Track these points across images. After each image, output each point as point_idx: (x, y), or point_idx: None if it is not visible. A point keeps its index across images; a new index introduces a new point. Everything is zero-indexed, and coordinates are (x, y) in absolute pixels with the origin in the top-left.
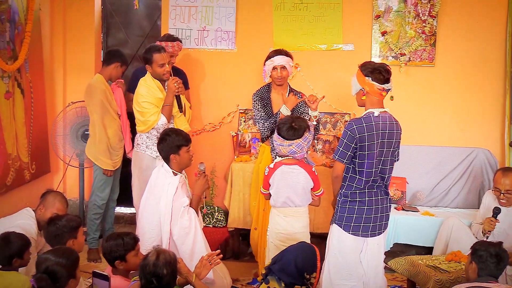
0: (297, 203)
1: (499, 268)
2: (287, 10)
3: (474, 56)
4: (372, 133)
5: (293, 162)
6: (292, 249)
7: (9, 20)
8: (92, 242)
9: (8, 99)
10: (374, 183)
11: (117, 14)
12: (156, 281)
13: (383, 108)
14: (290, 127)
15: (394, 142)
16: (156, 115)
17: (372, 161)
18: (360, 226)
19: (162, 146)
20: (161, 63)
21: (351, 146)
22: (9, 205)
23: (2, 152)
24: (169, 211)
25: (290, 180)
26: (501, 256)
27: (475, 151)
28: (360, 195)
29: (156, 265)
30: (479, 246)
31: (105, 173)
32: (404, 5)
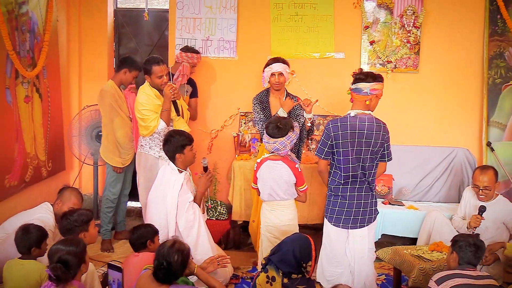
0: (281, 196)
1: (477, 256)
2: (283, 21)
3: (455, 64)
4: (346, 132)
5: (277, 158)
6: (289, 240)
7: (29, 30)
8: (105, 234)
9: (28, 103)
10: (355, 179)
11: (128, 25)
12: (166, 264)
13: (363, 111)
14: (275, 126)
15: (374, 142)
16: (156, 120)
17: (347, 157)
18: (341, 218)
19: (167, 146)
20: (159, 75)
21: (327, 143)
22: (28, 200)
23: (22, 151)
24: (175, 205)
25: (274, 173)
26: (479, 245)
27: (455, 150)
28: (341, 190)
29: (170, 250)
30: (459, 237)
31: (114, 170)
32: (390, 17)
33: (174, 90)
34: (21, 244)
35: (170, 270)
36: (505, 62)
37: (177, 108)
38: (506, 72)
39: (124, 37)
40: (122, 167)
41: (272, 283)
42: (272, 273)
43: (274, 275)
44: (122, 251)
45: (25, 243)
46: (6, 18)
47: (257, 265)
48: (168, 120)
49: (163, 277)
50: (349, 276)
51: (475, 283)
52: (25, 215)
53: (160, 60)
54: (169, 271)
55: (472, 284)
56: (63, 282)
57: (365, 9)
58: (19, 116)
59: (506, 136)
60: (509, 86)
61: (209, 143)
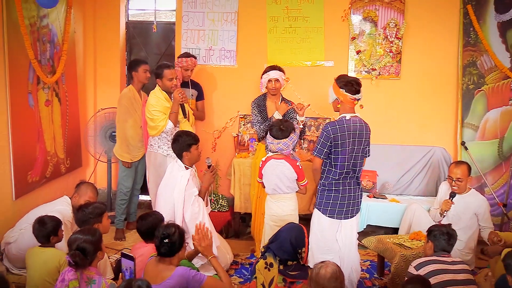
0: (284, 190)
1: (450, 243)
2: (279, 33)
3: (432, 71)
4: (344, 133)
5: (280, 157)
6: (285, 230)
7: (49, 41)
8: (119, 223)
9: (48, 106)
10: (347, 175)
11: (138, 36)
12: (166, 236)
13: (354, 113)
14: (279, 129)
15: (363, 141)
16: (164, 121)
17: (344, 156)
18: (335, 210)
19: (175, 145)
20: (170, 78)
21: (327, 144)
22: (48, 194)
23: (43, 150)
24: (182, 199)
25: (278, 171)
26: (451, 233)
27: (433, 149)
28: (335, 185)
29: (166, 227)
30: (434, 228)
31: (124, 165)
32: (375, 29)
33: (183, 94)
34: (40, 234)
35: (171, 242)
36: (477, 70)
37: (184, 111)
38: (478, 79)
39: (135, 47)
40: (130, 162)
41: (270, 269)
42: (270, 259)
43: (272, 262)
44: (133, 239)
45: (43, 232)
46: (29, 30)
47: (255, 252)
48: (175, 121)
49: (166, 251)
50: (338, 261)
51: (450, 268)
52: (46, 207)
53: (171, 65)
54: (170, 244)
55: (447, 269)
56: (81, 268)
57: (352, 22)
58: (40, 118)
59: (479, 136)
60: (481, 91)
61: (213, 142)
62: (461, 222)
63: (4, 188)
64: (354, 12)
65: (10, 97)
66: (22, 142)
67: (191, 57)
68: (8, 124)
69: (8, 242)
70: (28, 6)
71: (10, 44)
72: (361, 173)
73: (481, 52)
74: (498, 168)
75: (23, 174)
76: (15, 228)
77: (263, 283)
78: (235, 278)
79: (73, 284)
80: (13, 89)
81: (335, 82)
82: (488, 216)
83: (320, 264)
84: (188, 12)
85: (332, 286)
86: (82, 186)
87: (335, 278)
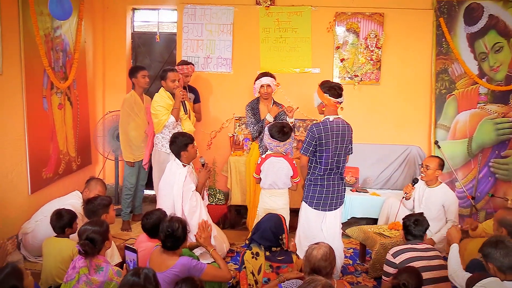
0: (280, 186)
1: (419, 230)
2: (270, 42)
3: (409, 77)
4: (328, 133)
5: (279, 155)
6: (265, 220)
7: (62, 50)
8: (125, 216)
9: (60, 109)
10: (331, 171)
11: (143, 45)
12: (171, 232)
13: (337, 115)
14: (281, 132)
15: (346, 140)
16: (167, 115)
17: (328, 154)
18: (320, 203)
19: (173, 146)
20: (173, 79)
21: (312, 143)
22: (61, 189)
23: (56, 149)
24: (180, 194)
25: (276, 168)
26: (419, 220)
27: (409, 147)
28: (320, 180)
29: (170, 222)
30: (406, 218)
31: (128, 164)
32: (357, 39)
33: (184, 92)
34: (57, 226)
35: (175, 237)
36: (449, 76)
37: (185, 108)
38: (449, 84)
39: (140, 55)
40: (132, 161)
41: (257, 258)
42: (255, 249)
43: (257, 251)
44: (139, 230)
45: (59, 224)
46: (43, 40)
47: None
48: (177, 116)
49: (171, 245)
50: None
51: (423, 255)
52: (59, 201)
53: (174, 69)
54: (174, 238)
55: (421, 256)
56: (90, 256)
57: (336, 33)
58: (54, 120)
59: (450, 136)
60: (452, 95)
61: (209, 141)
62: (431, 213)
63: (21, 184)
64: (338, 24)
65: (26, 101)
66: (37, 142)
67: (190, 64)
68: (25, 126)
69: (25, 233)
70: (43, 18)
71: (26, 53)
72: (344, 169)
73: (452, 60)
74: (468, 165)
75: (38, 171)
76: (31, 220)
77: (252, 272)
78: (231, 264)
79: (83, 271)
80: (29, 93)
81: (319, 88)
82: (453, 210)
83: (314, 246)
84: (188, 24)
85: (322, 265)
86: (92, 181)
87: (325, 259)
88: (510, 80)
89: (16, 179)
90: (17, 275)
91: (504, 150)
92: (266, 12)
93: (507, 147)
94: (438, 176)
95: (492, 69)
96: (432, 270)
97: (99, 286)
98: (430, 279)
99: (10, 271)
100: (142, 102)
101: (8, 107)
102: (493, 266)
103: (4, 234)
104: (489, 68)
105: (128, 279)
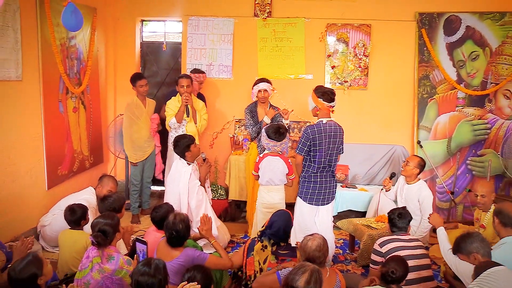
0: (276, 182)
1: (403, 222)
2: (267, 51)
3: (394, 83)
4: (321, 134)
5: (276, 154)
6: (278, 219)
7: (77, 58)
8: (134, 210)
9: (75, 112)
10: (323, 169)
11: (151, 54)
12: (175, 233)
13: (330, 118)
14: (277, 132)
15: (337, 140)
16: (171, 117)
17: (321, 153)
18: (313, 198)
19: (177, 149)
20: (182, 85)
21: (307, 143)
22: (75, 185)
23: (70, 149)
24: (186, 190)
25: (273, 166)
26: (402, 214)
27: (394, 147)
28: (314, 177)
29: (174, 222)
30: (390, 212)
31: (131, 164)
32: (346, 48)
33: (187, 97)
34: (71, 220)
35: (179, 236)
36: (430, 82)
37: (187, 112)
38: (430, 90)
39: (148, 63)
40: (135, 161)
41: (264, 250)
42: (265, 243)
43: (266, 244)
44: (147, 223)
45: (74, 218)
46: (59, 49)
47: (248, 233)
48: (180, 118)
49: (176, 243)
50: None
51: (407, 245)
52: (74, 197)
53: (184, 75)
54: (178, 237)
55: (405, 245)
56: (102, 246)
57: (327, 42)
58: (69, 122)
59: (431, 136)
60: (433, 99)
61: (212, 141)
62: (409, 208)
63: (39, 180)
64: (329, 34)
65: (43, 104)
66: (54, 142)
67: (203, 74)
68: (42, 127)
69: (43, 225)
70: (59, 29)
71: (44, 61)
72: (336, 167)
73: (433, 68)
74: (447, 162)
75: (54, 169)
76: (49, 214)
77: (259, 261)
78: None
79: (96, 260)
80: (46, 98)
81: (314, 92)
82: (426, 207)
83: (309, 237)
84: (192, 34)
85: (316, 255)
86: (104, 178)
87: (319, 249)
88: (486, 86)
89: (35, 176)
90: (37, 263)
91: (480, 149)
92: (263, 24)
93: (482, 146)
94: (416, 173)
95: (469, 75)
96: (416, 258)
97: (111, 274)
98: (414, 266)
99: (31, 259)
100: (144, 106)
101: (27, 110)
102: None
103: (24, 226)
104: (467, 74)
105: (139, 268)
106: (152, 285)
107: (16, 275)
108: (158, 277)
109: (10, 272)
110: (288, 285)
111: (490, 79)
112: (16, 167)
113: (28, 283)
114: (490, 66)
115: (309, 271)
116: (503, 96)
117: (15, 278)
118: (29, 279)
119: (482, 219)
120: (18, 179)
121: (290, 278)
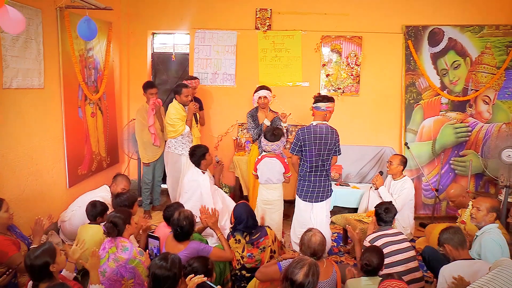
0: (274, 181)
1: (389, 216)
2: (267, 61)
3: (383, 90)
4: (310, 136)
5: (272, 156)
6: (241, 210)
7: (94, 68)
8: (145, 206)
9: (93, 117)
10: (316, 168)
11: (161, 63)
12: (180, 229)
13: (322, 121)
14: (272, 134)
15: (330, 142)
16: (183, 126)
17: (312, 153)
18: (307, 195)
19: (194, 158)
20: (186, 94)
21: (298, 144)
22: (93, 183)
23: (89, 150)
24: (210, 198)
25: (270, 166)
26: (388, 208)
27: (383, 148)
28: (308, 176)
29: (178, 219)
30: (376, 206)
31: (143, 164)
32: (339, 58)
33: (196, 106)
34: (90, 213)
35: (184, 232)
36: (416, 89)
37: (196, 119)
38: (416, 96)
39: (158, 72)
40: (147, 162)
41: (239, 242)
42: (238, 236)
43: (239, 238)
44: (157, 218)
45: (93, 213)
46: (78, 60)
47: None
48: (190, 126)
49: (181, 237)
50: None
51: (394, 239)
52: (91, 194)
53: (187, 85)
54: (183, 233)
55: (392, 240)
56: (113, 236)
57: (322, 53)
58: (87, 126)
59: (417, 139)
60: (419, 105)
61: (216, 143)
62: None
63: (60, 179)
64: (324, 45)
65: (64, 110)
66: (74, 144)
67: (196, 79)
68: (63, 131)
69: (63, 220)
70: (78, 41)
71: (64, 70)
72: (330, 167)
73: (419, 76)
74: (432, 162)
75: (75, 169)
76: (68, 210)
77: (237, 251)
78: None
79: (112, 250)
80: (67, 104)
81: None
82: (402, 199)
83: (310, 233)
84: (199, 45)
85: (319, 249)
86: (118, 177)
87: (322, 243)
88: (466, 92)
89: (56, 175)
90: (51, 253)
91: (462, 150)
92: (264, 36)
93: (464, 147)
94: (400, 170)
95: (452, 82)
96: (403, 252)
97: (125, 262)
98: (401, 260)
99: (46, 248)
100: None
101: (49, 115)
102: (448, 246)
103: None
104: (449, 82)
105: (156, 262)
106: (168, 277)
107: (31, 261)
108: (174, 271)
109: (25, 259)
110: (288, 277)
111: (470, 86)
112: (39, 167)
113: (41, 269)
114: (471, 74)
115: (307, 265)
116: (482, 101)
117: (30, 264)
118: (42, 266)
119: (463, 215)
120: (41, 178)
121: (289, 271)
